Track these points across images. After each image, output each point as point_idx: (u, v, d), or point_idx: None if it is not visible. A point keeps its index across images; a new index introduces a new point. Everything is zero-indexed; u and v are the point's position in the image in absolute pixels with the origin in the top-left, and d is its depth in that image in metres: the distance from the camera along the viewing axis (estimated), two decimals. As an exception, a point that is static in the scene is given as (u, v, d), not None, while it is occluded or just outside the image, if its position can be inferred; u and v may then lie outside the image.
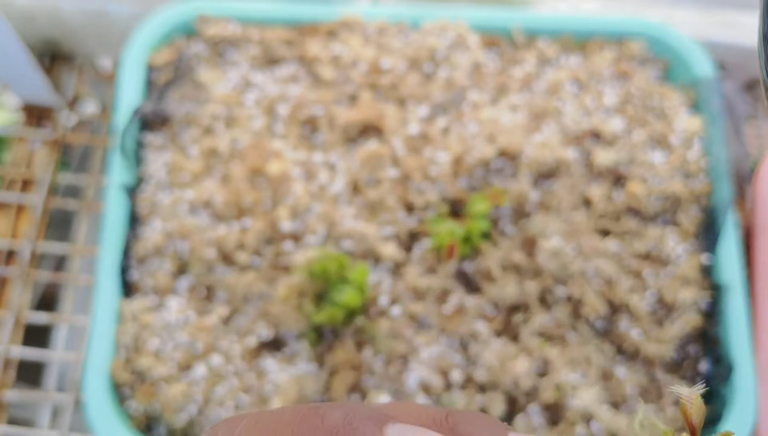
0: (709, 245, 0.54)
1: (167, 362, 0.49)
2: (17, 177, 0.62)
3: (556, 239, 0.52)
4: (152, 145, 0.55)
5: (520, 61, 0.59)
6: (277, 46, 0.58)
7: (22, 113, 0.65)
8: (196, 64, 0.58)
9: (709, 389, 0.51)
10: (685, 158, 0.56)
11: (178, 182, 0.54)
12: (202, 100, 0.56)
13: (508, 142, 0.55)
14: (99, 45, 0.65)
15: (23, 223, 0.60)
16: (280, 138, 0.56)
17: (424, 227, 0.53)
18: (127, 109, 0.55)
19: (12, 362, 0.56)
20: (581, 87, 0.59)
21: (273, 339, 0.51)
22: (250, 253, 0.52)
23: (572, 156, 0.55)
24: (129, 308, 0.50)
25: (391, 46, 0.58)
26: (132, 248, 0.52)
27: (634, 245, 0.53)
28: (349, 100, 0.57)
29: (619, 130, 0.57)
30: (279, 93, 0.57)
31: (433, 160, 0.54)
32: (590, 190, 0.54)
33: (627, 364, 0.51)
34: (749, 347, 0.51)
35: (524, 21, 0.60)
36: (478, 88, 0.58)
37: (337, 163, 0.55)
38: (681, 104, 0.58)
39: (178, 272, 0.52)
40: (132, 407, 0.49)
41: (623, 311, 0.52)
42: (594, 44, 0.60)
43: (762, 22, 0.29)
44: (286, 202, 0.53)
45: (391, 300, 0.51)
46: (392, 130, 0.55)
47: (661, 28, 0.60)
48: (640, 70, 0.59)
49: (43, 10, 0.63)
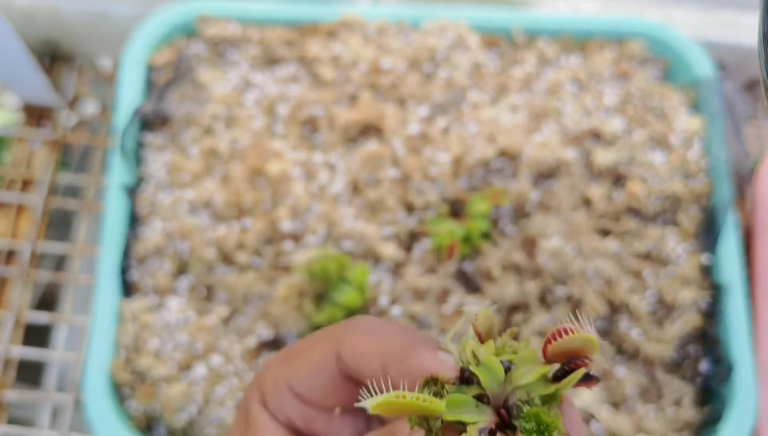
0: (709, 245, 0.54)
1: (167, 362, 0.49)
2: (17, 177, 0.62)
3: (556, 239, 0.52)
4: (152, 145, 0.55)
5: (520, 61, 0.59)
6: (277, 46, 0.58)
7: (22, 113, 0.65)
8: (196, 64, 0.58)
9: (708, 388, 0.51)
10: (685, 158, 0.56)
11: (178, 182, 0.54)
12: (202, 100, 0.56)
13: (508, 142, 0.55)
14: (99, 45, 0.65)
15: (23, 223, 0.60)
16: (280, 138, 0.56)
17: (424, 227, 0.53)
18: (127, 109, 0.55)
19: (12, 362, 0.56)
20: (581, 87, 0.59)
21: (273, 339, 0.51)
22: (250, 253, 0.52)
23: (572, 156, 0.55)
24: (129, 308, 0.50)
25: (391, 46, 0.58)
26: (132, 248, 0.52)
27: (634, 245, 0.53)
28: (349, 100, 0.57)
29: (619, 130, 0.57)
30: (279, 93, 0.57)
31: (433, 160, 0.54)
32: (590, 190, 0.54)
33: (627, 364, 0.51)
34: (749, 347, 0.51)
35: (524, 21, 0.60)
36: (478, 88, 0.58)
37: (337, 163, 0.55)
38: (681, 104, 0.58)
39: (178, 272, 0.52)
40: (132, 407, 0.49)
41: (623, 311, 0.52)
42: (594, 44, 0.60)
43: (762, 22, 0.29)
44: (286, 202, 0.53)
45: (391, 300, 0.51)
46: (392, 130, 0.55)
47: (661, 28, 0.60)
48: (640, 70, 0.59)
49: (43, 11, 0.63)
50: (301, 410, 0.28)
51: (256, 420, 0.28)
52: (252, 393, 0.29)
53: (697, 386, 0.51)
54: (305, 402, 0.28)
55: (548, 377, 0.22)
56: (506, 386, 0.22)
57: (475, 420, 0.21)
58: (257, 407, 0.28)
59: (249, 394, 0.29)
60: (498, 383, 0.22)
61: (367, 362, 0.26)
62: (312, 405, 0.28)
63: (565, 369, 0.21)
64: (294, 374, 0.27)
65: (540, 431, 0.21)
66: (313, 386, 0.27)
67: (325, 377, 0.27)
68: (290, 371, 0.28)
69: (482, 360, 0.22)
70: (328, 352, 0.27)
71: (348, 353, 0.27)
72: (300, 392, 0.28)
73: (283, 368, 0.28)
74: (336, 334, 0.27)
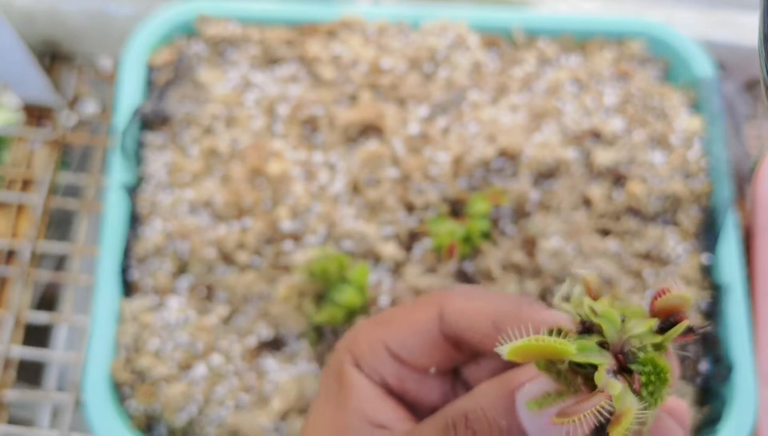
0: (709, 245, 0.54)
1: (167, 361, 0.49)
2: (17, 177, 0.62)
3: (556, 239, 0.52)
4: (152, 145, 0.55)
5: (520, 61, 0.59)
6: (277, 46, 0.58)
7: (22, 113, 0.65)
8: (196, 64, 0.58)
9: (708, 388, 0.51)
10: (685, 158, 0.56)
11: (178, 182, 0.54)
12: (202, 100, 0.56)
13: (508, 142, 0.55)
14: (99, 45, 0.65)
15: (23, 223, 0.60)
16: (280, 138, 0.56)
17: (424, 227, 0.53)
18: (127, 109, 0.55)
19: (12, 361, 0.56)
20: (581, 87, 0.59)
21: (273, 339, 0.51)
22: (250, 253, 0.52)
23: (572, 156, 0.55)
24: (129, 308, 0.50)
25: (391, 46, 0.58)
26: (132, 248, 0.52)
27: (634, 245, 0.53)
28: (349, 100, 0.57)
29: (619, 130, 0.57)
30: (279, 93, 0.57)
31: (433, 160, 0.54)
32: (590, 190, 0.54)
33: (627, 364, 0.51)
34: (749, 347, 0.51)
35: (524, 21, 0.60)
36: (478, 88, 0.58)
37: (337, 163, 0.55)
38: (681, 104, 0.58)
39: (178, 272, 0.52)
40: (132, 406, 0.49)
41: (623, 311, 0.52)
42: (594, 44, 0.60)
43: (762, 22, 0.29)
44: (286, 202, 0.53)
45: (392, 300, 0.51)
46: (392, 130, 0.55)
47: (661, 28, 0.60)
48: (641, 70, 0.59)
49: (44, 11, 0.63)
50: (396, 370, 0.29)
51: (351, 380, 0.29)
52: (343, 356, 0.30)
53: (697, 386, 0.51)
54: (402, 362, 0.29)
55: (654, 329, 0.24)
56: (622, 335, 0.24)
57: (602, 362, 0.23)
58: (351, 368, 0.29)
59: (340, 357, 0.30)
60: (616, 331, 0.24)
61: (477, 322, 0.27)
62: (408, 365, 0.29)
63: (669, 322, 0.24)
64: (394, 335, 0.29)
65: (656, 372, 0.23)
66: (412, 347, 0.29)
67: (425, 338, 0.29)
68: (389, 333, 0.29)
69: (600, 312, 0.24)
70: (431, 313, 0.29)
71: (453, 314, 0.28)
72: (398, 353, 0.29)
73: (381, 330, 0.29)
74: (436, 298, 0.29)
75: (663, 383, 0.23)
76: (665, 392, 0.23)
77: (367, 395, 0.29)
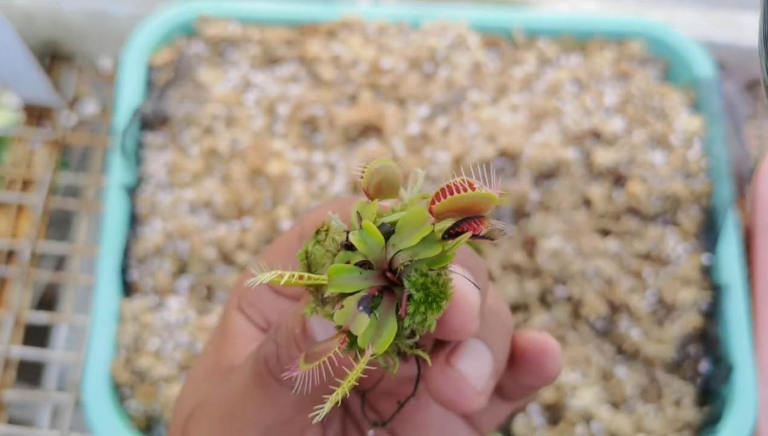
0: (709, 245, 0.54)
1: (167, 361, 0.49)
2: (17, 177, 0.62)
3: (556, 239, 0.52)
4: (152, 145, 0.55)
5: (520, 61, 0.59)
6: (277, 46, 0.58)
7: (22, 113, 0.65)
8: (196, 64, 0.58)
9: (708, 389, 0.51)
10: (685, 158, 0.56)
11: (178, 182, 0.54)
12: (202, 100, 0.56)
13: (509, 142, 0.55)
14: (99, 45, 0.65)
15: (23, 223, 0.60)
16: (280, 138, 0.56)
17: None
18: (127, 109, 0.55)
19: (12, 362, 0.56)
20: (581, 87, 0.59)
21: (273, 339, 0.51)
22: (250, 252, 0.52)
23: (572, 156, 0.55)
24: (129, 308, 0.50)
25: (391, 46, 0.58)
26: (132, 248, 0.52)
27: (634, 245, 0.53)
28: (349, 100, 0.57)
29: (620, 130, 0.57)
30: (279, 93, 0.57)
31: (433, 160, 0.54)
32: (590, 190, 0.54)
33: (627, 364, 0.51)
34: (749, 347, 0.51)
35: (524, 21, 0.60)
36: (478, 88, 0.58)
37: (337, 163, 0.55)
38: (681, 104, 0.58)
39: (178, 272, 0.52)
40: (132, 407, 0.49)
41: (623, 311, 0.52)
42: (594, 44, 0.60)
43: (762, 22, 0.29)
44: (286, 202, 0.53)
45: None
46: (392, 130, 0.55)
47: (662, 28, 0.60)
48: (641, 70, 0.59)
49: (44, 11, 0.63)
50: (275, 302, 0.29)
51: (233, 324, 0.29)
52: (230, 300, 0.29)
53: (697, 386, 0.51)
54: (279, 293, 0.28)
55: (436, 237, 0.20)
56: (390, 250, 0.21)
57: (356, 289, 0.20)
58: (233, 312, 0.29)
59: (227, 301, 0.30)
60: (379, 248, 0.21)
61: None
62: (282, 294, 0.29)
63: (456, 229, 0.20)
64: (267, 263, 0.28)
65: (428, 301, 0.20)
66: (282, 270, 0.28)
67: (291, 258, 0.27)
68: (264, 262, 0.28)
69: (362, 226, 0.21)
70: (294, 233, 0.28)
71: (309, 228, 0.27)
72: None
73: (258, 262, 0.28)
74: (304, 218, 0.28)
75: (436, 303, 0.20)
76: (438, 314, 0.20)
77: (244, 337, 0.28)
